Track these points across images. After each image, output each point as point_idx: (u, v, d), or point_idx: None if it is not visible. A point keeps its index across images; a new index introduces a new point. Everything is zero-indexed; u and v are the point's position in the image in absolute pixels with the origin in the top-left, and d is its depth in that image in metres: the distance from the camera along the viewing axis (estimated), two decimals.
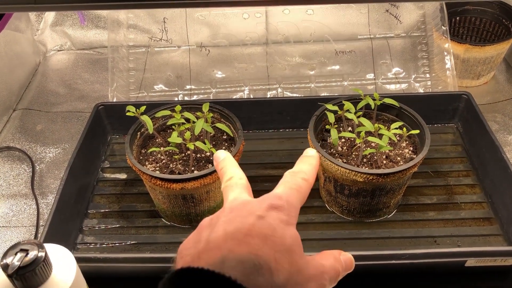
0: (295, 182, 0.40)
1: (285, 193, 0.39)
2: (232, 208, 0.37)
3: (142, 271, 0.63)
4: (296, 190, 0.39)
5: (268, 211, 0.36)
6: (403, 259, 0.61)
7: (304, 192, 0.40)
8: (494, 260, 0.61)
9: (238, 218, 0.35)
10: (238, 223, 0.35)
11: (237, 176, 0.43)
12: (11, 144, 0.92)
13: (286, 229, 0.35)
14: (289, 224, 0.36)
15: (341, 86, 0.98)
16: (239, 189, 0.41)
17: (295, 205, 0.38)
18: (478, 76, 1.00)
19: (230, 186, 0.42)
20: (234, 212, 0.36)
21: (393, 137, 0.69)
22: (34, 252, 0.45)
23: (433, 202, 0.76)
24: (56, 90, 1.06)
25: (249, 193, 0.42)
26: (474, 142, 0.83)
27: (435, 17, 0.97)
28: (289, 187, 0.40)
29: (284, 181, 0.41)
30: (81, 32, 1.14)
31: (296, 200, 0.39)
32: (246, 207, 0.37)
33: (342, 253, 0.40)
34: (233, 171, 0.44)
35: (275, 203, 0.37)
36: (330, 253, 0.39)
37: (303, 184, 0.40)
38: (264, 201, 0.37)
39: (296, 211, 0.38)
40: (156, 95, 0.98)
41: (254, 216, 0.35)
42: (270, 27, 1.01)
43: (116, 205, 0.78)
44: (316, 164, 0.43)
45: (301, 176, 0.41)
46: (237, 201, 0.39)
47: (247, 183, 0.43)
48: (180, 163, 0.72)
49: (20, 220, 0.79)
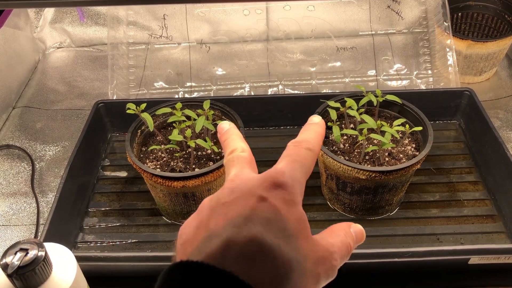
0: (298, 153, 0.37)
1: (288, 167, 0.36)
2: (232, 189, 0.34)
3: (143, 269, 0.63)
4: (300, 163, 0.36)
5: (270, 190, 0.33)
6: (405, 257, 0.61)
7: (309, 164, 0.37)
8: (497, 257, 0.61)
9: (239, 200, 0.33)
10: (238, 206, 0.32)
11: (239, 148, 0.40)
12: (11, 142, 0.92)
13: (290, 210, 0.33)
14: (293, 203, 0.34)
15: (342, 83, 0.98)
16: (241, 164, 0.38)
17: (299, 180, 0.35)
18: (480, 72, 0.99)
19: (232, 160, 0.39)
20: (235, 193, 0.34)
21: (396, 134, 0.68)
22: (34, 252, 0.45)
23: (435, 200, 0.76)
24: (56, 88, 1.05)
25: (252, 167, 0.39)
26: (476, 138, 0.83)
27: (437, 13, 0.96)
28: (292, 159, 0.36)
29: (287, 153, 0.37)
30: (80, 29, 1.13)
31: (301, 174, 0.36)
32: (246, 187, 0.34)
33: (352, 225, 0.38)
34: (236, 143, 0.41)
35: (278, 180, 0.34)
36: (339, 228, 0.37)
37: (307, 155, 0.37)
38: (265, 179, 0.34)
39: (301, 186, 0.36)
40: (156, 92, 0.98)
41: (255, 197, 0.33)
42: (270, 23, 1.00)
43: (117, 203, 0.78)
44: (321, 131, 0.40)
45: (305, 146, 0.38)
46: (238, 180, 0.36)
47: (250, 156, 0.40)
48: (181, 161, 0.71)
49: (20, 219, 0.78)
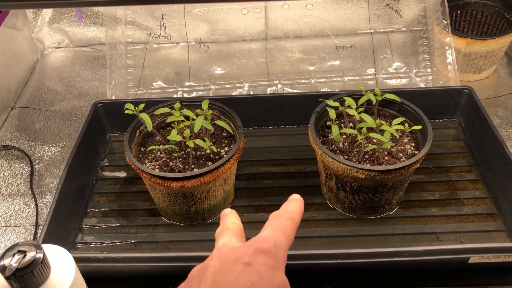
0: (280, 223, 0.41)
1: (271, 235, 0.39)
2: (220, 256, 0.38)
3: (143, 270, 0.63)
4: (282, 231, 0.40)
5: (254, 256, 0.36)
6: (405, 256, 0.61)
7: (290, 232, 0.40)
8: (497, 256, 0.61)
9: (226, 266, 0.36)
10: (225, 271, 0.35)
11: (230, 221, 0.44)
12: (9, 143, 0.91)
13: (273, 274, 0.36)
14: (276, 269, 0.37)
15: (341, 82, 0.98)
16: (229, 234, 0.42)
17: (282, 246, 0.39)
18: (479, 70, 0.99)
19: (221, 231, 0.43)
20: (222, 259, 0.37)
21: (395, 133, 0.68)
22: (32, 253, 0.45)
23: (435, 198, 0.75)
24: (54, 88, 1.05)
25: (240, 237, 0.42)
26: (476, 137, 0.83)
27: (436, 11, 0.96)
28: (274, 228, 0.40)
29: (270, 223, 0.41)
30: (79, 29, 1.13)
31: (283, 241, 0.39)
32: (233, 254, 0.37)
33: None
34: (229, 218, 0.44)
35: (262, 247, 0.37)
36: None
37: (289, 224, 0.41)
38: (250, 246, 0.38)
39: (284, 252, 0.39)
40: (155, 92, 0.98)
41: (241, 263, 0.36)
42: (269, 22, 1.00)
43: (116, 204, 0.78)
44: (300, 205, 0.44)
45: (286, 216, 0.41)
46: (225, 248, 0.39)
47: (239, 227, 0.43)
48: (179, 161, 0.71)
49: (19, 220, 0.78)
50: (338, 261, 0.61)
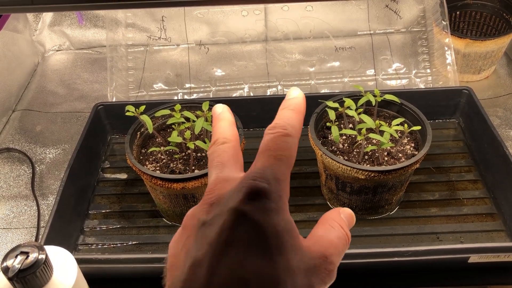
0: (276, 145, 0.32)
1: (266, 165, 0.31)
2: (210, 204, 0.31)
3: (144, 271, 0.63)
4: (280, 157, 0.32)
5: (249, 202, 0.29)
6: (405, 256, 0.61)
7: (290, 154, 0.32)
8: (497, 256, 0.61)
9: (217, 219, 0.29)
10: (217, 227, 0.29)
11: (221, 138, 0.36)
12: (11, 146, 0.92)
13: (274, 221, 0.29)
14: (277, 211, 0.30)
15: (341, 83, 0.98)
16: (221, 161, 0.34)
17: (282, 178, 0.31)
18: (479, 70, 0.99)
19: (211, 155, 0.35)
20: (213, 209, 0.31)
21: (395, 133, 0.69)
22: (34, 255, 0.45)
23: (435, 198, 0.76)
24: (55, 91, 1.06)
25: (235, 160, 0.35)
26: (475, 137, 0.83)
27: (435, 12, 0.96)
28: (270, 155, 0.32)
29: (264, 147, 0.33)
30: (79, 31, 1.14)
31: (283, 170, 0.31)
32: (224, 201, 0.30)
33: (341, 210, 0.35)
34: (220, 132, 0.36)
35: (257, 188, 0.29)
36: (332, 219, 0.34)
37: (286, 144, 0.33)
38: (244, 187, 0.30)
39: (285, 184, 0.31)
40: (155, 94, 0.98)
41: (234, 214, 0.29)
42: (269, 24, 1.00)
43: (117, 206, 0.78)
44: (300, 107, 0.35)
45: (282, 132, 0.33)
46: (216, 190, 0.32)
47: (232, 147, 0.35)
48: (180, 163, 0.71)
49: (21, 222, 0.78)
50: None
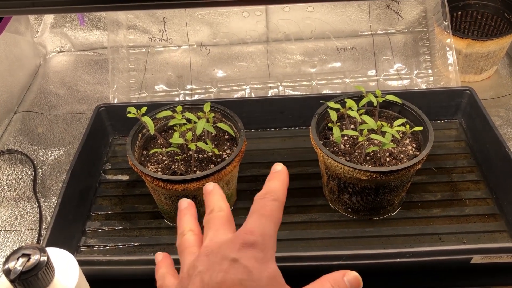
0: (265, 207, 0.38)
1: (257, 224, 0.37)
2: (207, 254, 0.37)
3: (146, 273, 0.63)
4: (269, 217, 0.38)
5: (241, 251, 0.35)
6: (408, 257, 0.61)
7: (277, 216, 0.38)
8: (500, 257, 0.61)
9: (213, 265, 0.35)
10: (212, 271, 0.35)
11: (216, 208, 0.42)
12: (13, 147, 0.92)
13: (262, 268, 0.34)
14: (265, 261, 0.35)
15: (342, 83, 0.98)
16: (216, 225, 0.40)
17: (270, 235, 0.37)
18: (480, 71, 0.99)
19: (208, 222, 0.41)
20: (209, 257, 0.36)
21: (396, 134, 0.68)
22: (36, 257, 0.45)
23: (437, 199, 0.76)
24: (57, 92, 1.06)
25: (229, 226, 0.40)
26: (477, 137, 0.83)
27: (436, 12, 0.96)
28: (260, 215, 0.38)
29: (254, 209, 0.39)
30: (81, 33, 1.14)
31: (271, 228, 0.37)
32: (220, 251, 0.36)
33: (347, 273, 0.37)
34: (215, 203, 0.42)
35: (248, 241, 0.35)
36: (328, 278, 0.37)
37: (274, 207, 0.38)
38: (236, 240, 0.36)
39: (272, 241, 0.37)
40: (157, 95, 0.98)
41: (228, 260, 0.35)
42: (270, 25, 1.00)
43: (119, 207, 0.78)
44: (285, 179, 0.41)
45: (270, 197, 0.39)
46: (212, 244, 0.38)
47: (227, 215, 0.41)
48: (182, 164, 0.71)
49: (23, 224, 0.78)
50: (340, 262, 0.61)
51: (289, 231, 0.71)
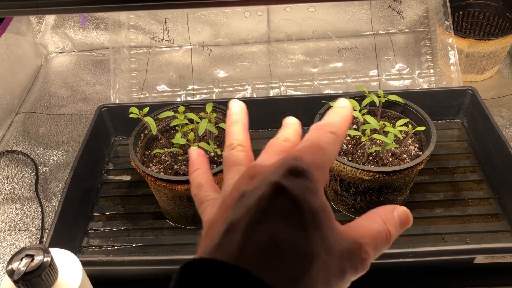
0: (320, 137, 0.34)
1: (309, 152, 0.32)
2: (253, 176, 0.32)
3: (148, 273, 0.63)
4: (322, 147, 0.33)
5: (289, 178, 0.30)
6: (410, 257, 0.61)
7: (332, 148, 0.33)
8: (503, 257, 0.61)
9: (257, 190, 0.30)
10: (256, 197, 0.30)
11: (283, 136, 0.37)
12: (15, 148, 0.92)
13: (311, 200, 0.30)
14: (314, 192, 0.30)
15: (344, 83, 0.98)
16: (276, 151, 0.36)
17: (321, 166, 0.32)
18: (482, 70, 0.99)
19: (270, 146, 0.37)
20: (254, 180, 0.32)
21: (399, 134, 0.68)
22: (39, 257, 0.45)
23: (440, 199, 0.76)
24: (59, 93, 1.06)
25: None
26: (480, 137, 0.83)
27: (438, 12, 0.96)
28: (313, 144, 0.33)
29: (308, 137, 0.34)
30: (82, 33, 1.14)
31: (323, 159, 0.32)
32: (266, 175, 0.31)
33: (396, 208, 0.34)
34: (285, 133, 0.38)
35: (298, 167, 0.30)
36: (379, 213, 0.34)
37: (330, 139, 0.33)
38: (284, 165, 0.31)
39: (323, 172, 0.32)
40: (158, 95, 0.98)
41: (274, 187, 0.29)
42: (272, 25, 1.00)
43: (121, 207, 0.78)
44: (347, 115, 0.36)
45: (328, 129, 0.34)
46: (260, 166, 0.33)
47: (291, 146, 0.36)
48: (184, 164, 0.71)
49: (25, 224, 0.78)
50: None
51: None
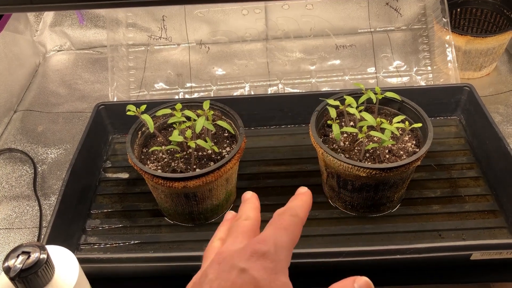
0: (282, 221, 0.37)
1: (272, 234, 0.35)
2: (219, 262, 0.35)
3: (146, 270, 0.63)
4: (285, 229, 0.36)
5: (251, 261, 0.33)
6: (407, 253, 0.61)
7: (294, 230, 0.37)
8: (499, 253, 0.61)
9: (222, 275, 0.34)
10: (221, 280, 0.33)
11: (244, 216, 0.41)
12: (13, 146, 0.92)
13: (272, 279, 0.33)
14: (276, 272, 0.33)
15: (342, 81, 0.98)
16: (237, 233, 0.39)
17: (284, 246, 0.35)
18: (480, 67, 0.99)
19: (231, 228, 0.40)
20: (221, 266, 0.35)
21: (396, 131, 0.69)
22: (36, 254, 0.45)
23: (437, 196, 0.76)
24: (57, 91, 1.06)
25: (250, 236, 0.39)
26: (477, 134, 0.83)
27: (435, 9, 0.96)
28: (276, 226, 0.36)
29: (272, 221, 0.37)
30: (80, 32, 1.14)
31: (286, 240, 0.35)
32: (231, 259, 0.34)
33: (357, 279, 0.36)
34: (245, 211, 0.41)
35: (259, 249, 0.34)
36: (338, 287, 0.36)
37: (292, 221, 0.37)
38: (247, 249, 0.34)
39: (286, 253, 0.35)
40: (156, 93, 0.98)
41: (237, 270, 0.33)
42: (269, 22, 1.00)
43: (119, 205, 0.78)
44: (307, 200, 0.40)
45: (290, 213, 0.38)
46: (225, 252, 0.36)
47: (252, 224, 0.40)
48: (181, 162, 0.71)
49: (23, 222, 0.78)
50: (340, 259, 0.61)
51: None
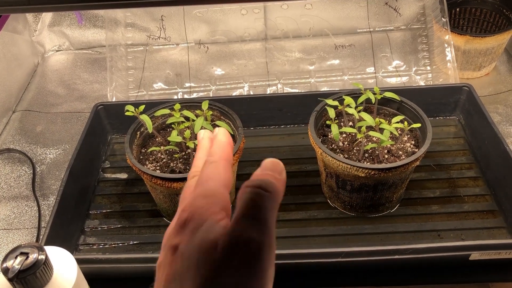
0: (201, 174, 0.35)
1: (191, 197, 0.33)
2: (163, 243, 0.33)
3: (145, 271, 0.63)
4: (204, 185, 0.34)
5: (179, 233, 0.31)
6: (406, 253, 0.61)
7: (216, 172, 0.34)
8: (498, 253, 0.61)
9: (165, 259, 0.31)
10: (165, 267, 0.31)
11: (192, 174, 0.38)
12: (11, 146, 0.92)
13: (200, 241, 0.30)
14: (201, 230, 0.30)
15: (341, 81, 0.98)
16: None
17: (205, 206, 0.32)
18: (479, 67, 0.99)
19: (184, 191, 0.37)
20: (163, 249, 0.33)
21: (395, 131, 0.68)
22: (34, 255, 0.45)
23: (436, 196, 0.76)
24: (55, 91, 1.06)
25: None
26: (476, 134, 0.83)
27: (434, 8, 0.96)
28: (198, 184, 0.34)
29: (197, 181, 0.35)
30: (79, 32, 1.13)
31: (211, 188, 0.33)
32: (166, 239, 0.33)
33: None
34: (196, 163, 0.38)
35: (181, 220, 0.31)
36: None
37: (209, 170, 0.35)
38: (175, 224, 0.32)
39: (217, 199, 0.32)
40: (155, 93, 0.98)
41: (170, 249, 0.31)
42: (268, 22, 1.00)
43: (118, 205, 0.78)
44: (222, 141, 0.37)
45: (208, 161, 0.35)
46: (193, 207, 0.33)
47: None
48: (180, 162, 0.71)
49: (22, 222, 0.78)
50: (339, 259, 0.61)
51: (288, 229, 0.71)
